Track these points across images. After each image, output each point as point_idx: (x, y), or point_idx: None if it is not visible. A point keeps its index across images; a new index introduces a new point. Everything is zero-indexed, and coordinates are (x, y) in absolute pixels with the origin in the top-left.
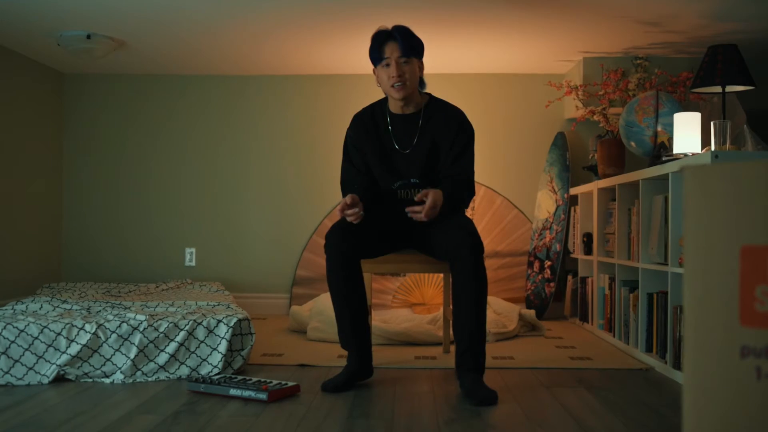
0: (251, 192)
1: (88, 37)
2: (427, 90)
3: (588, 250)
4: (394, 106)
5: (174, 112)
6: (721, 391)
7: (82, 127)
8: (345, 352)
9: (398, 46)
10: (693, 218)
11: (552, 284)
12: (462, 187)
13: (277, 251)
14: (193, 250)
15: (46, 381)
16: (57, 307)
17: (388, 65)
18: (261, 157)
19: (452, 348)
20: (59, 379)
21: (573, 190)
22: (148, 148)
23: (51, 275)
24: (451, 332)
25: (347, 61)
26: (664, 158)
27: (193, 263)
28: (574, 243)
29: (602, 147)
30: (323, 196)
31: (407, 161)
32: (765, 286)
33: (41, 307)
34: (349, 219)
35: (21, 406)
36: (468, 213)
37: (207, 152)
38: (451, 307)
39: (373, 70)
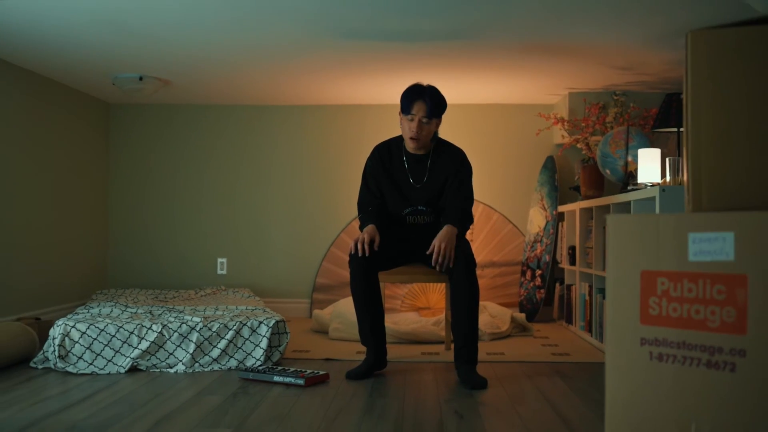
0: (276, 209)
1: (140, 78)
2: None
3: (572, 261)
4: (409, 147)
5: (208, 139)
6: (628, 368)
7: (126, 152)
8: (363, 348)
9: (425, 108)
10: (612, 252)
11: (542, 291)
12: (464, 217)
13: (298, 261)
14: (225, 260)
15: (122, 371)
16: (124, 310)
17: (411, 119)
18: (284, 178)
19: (452, 345)
20: (132, 370)
21: (561, 208)
22: (184, 171)
23: (100, 283)
24: (451, 332)
25: (357, 93)
26: (629, 188)
27: (225, 272)
28: (561, 255)
29: (584, 171)
30: (339, 213)
31: (418, 193)
32: (655, 297)
33: (111, 311)
34: (361, 247)
35: (109, 389)
36: (467, 236)
37: (238, 172)
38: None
39: (399, 113)
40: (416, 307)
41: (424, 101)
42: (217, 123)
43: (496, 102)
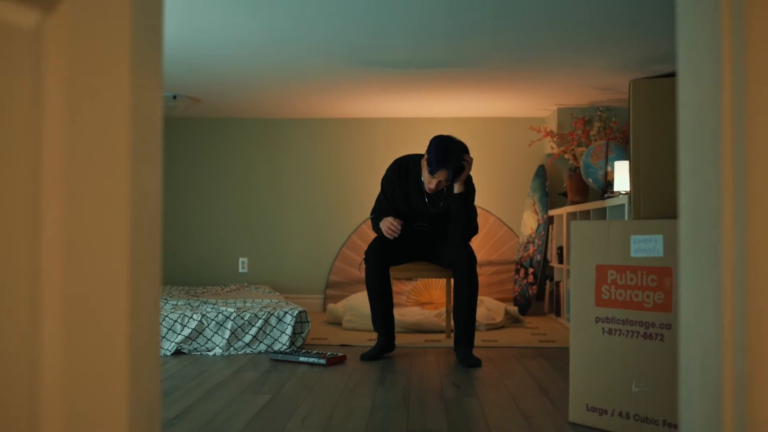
0: (292, 213)
1: (174, 97)
2: (444, 130)
3: (561, 260)
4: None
5: (229, 150)
6: (586, 341)
7: None
8: (374, 336)
9: (446, 176)
10: (574, 250)
11: (534, 287)
12: (471, 218)
13: (313, 261)
14: (246, 259)
15: (168, 353)
16: (166, 302)
17: (433, 178)
18: (299, 185)
19: (452, 335)
20: (177, 353)
21: (551, 212)
22: (208, 179)
23: None
24: (452, 321)
25: (366, 107)
26: (606, 195)
27: (246, 270)
28: (551, 254)
29: (571, 179)
30: (350, 217)
31: (430, 214)
32: (606, 285)
33: None
34: (388, 234)
35: (160, 368)
36: None
37: (257, 179)
38: (452, 303)
39: (425, 158)
40: (420, 302)
41: (447, 171)
42: (237, 135)
43: (494, 116)
